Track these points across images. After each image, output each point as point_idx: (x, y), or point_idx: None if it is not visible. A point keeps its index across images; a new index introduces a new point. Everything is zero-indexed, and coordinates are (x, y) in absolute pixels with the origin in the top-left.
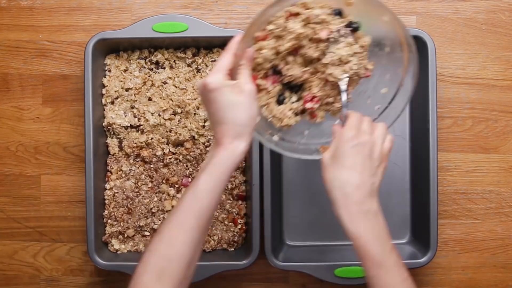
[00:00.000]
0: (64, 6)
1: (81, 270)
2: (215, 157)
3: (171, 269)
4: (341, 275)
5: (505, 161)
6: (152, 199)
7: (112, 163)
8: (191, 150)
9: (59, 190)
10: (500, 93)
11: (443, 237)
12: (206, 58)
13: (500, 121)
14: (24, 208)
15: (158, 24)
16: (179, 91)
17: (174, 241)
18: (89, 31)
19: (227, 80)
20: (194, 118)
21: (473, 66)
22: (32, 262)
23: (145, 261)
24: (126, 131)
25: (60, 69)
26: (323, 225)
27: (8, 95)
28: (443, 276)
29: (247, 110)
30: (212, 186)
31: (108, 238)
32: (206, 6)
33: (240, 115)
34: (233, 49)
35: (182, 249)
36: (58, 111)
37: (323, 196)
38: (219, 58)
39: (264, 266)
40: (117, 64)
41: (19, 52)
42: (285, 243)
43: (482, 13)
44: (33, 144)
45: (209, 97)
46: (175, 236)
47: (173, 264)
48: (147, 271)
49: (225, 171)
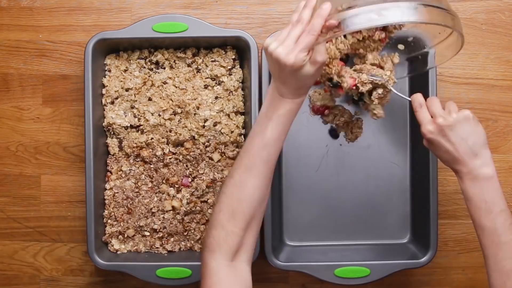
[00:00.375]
0: (64, 6)
1: (81, 270)
2: (280, 108)
3: (242, 208)
4: (341, 275)
5: (505, 161)
6: (152, 199)
7: (112, 163)
8: (191, 150)
9: (59, 190)
10: (500, 93)
11: (443, 237)
12: (206, 58)
13: (500, 121)
14: (24, 208)
15: (158, 24)
16: (179, 91)
17: (244, 184)
18: (89, 31)
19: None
20: (194, 118)
21: (473, 66)
22: (32, 262)
23: (220, 201)
24: (126, 131)
25: (60, 69)
26: (323, 225)
27: (8, 95)
28: (443, 276)
29: (315, 77)
30: (278, 135)
31: (108, 238)
32: (206, 6)
33: (308, 81)
34: (318, 30)
35: (251, 191)
36: (58, 111)
37: (323, 196)
38: (305, 34)
39: (264, 266)
40: (117, 64)
41: (19, 52)
42: (285, 243)
43: (482, 13)
44: (33, 144)
45: (283, 68)
46: (244, 180)
47: (243, 204)
48: (222, 210)
49: (289, 121)
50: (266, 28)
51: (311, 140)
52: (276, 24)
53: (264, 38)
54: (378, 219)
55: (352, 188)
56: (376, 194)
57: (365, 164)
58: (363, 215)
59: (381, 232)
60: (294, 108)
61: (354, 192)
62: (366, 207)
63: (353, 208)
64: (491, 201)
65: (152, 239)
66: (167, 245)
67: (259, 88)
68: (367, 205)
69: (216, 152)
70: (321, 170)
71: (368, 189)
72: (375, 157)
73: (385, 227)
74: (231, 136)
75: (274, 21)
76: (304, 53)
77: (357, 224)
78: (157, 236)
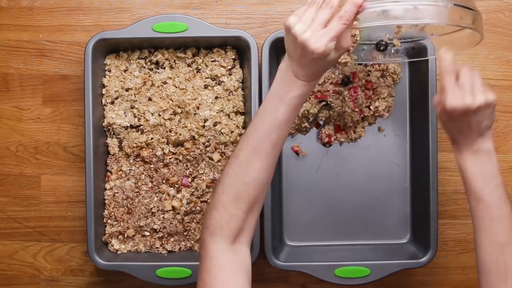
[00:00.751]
0: (64, 6)
1: (81, 270)
2: (294, 90)
3: (247, 191)
4: (341, 275)
5: (505, 161)
6: (152, 199)
7: (112, 163)
8: (191, 150)
9: (59, 190)
10: (500, 93)
11: (443, 237)
12: (206, 58)
13: (500, 121)
14: (24, 208)
15: (158, 24)
16: (179, 91)
17: (250, 167)
18: (89, 31)
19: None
20: (194, 118)
21: (473, 66)
22: (32, 262)
23: (223, 182)
24: (126, 131)
25: (60, 69)
26: (323, 225)
27: (8, 95)
28: (443, 276)
29: (335, 62)
30: (289, 117)
31: (108, 238)
32: (206, 6)
33: (329, 66)
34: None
35: (257, 174)
36: (58, 111)
37: (323, 196)
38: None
39: (264, 266)
40: (117, 64)
41: (19, 52)
42: (285, 243)
43: (482, 13)
44: (33, 144)
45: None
46: (251, 162)
47: (249, 187)
48: (226, 192)
49: (301, 104)
50: (266, 28)
51: (311, 140)
52: (276, 24)
53: (264, 38)
54: (378, 219)
55: (352, 188)
56: (376, 194)
57: (365, 164)
58: (363, 215)
59: (381, 232)
60: (308, 91)
61: (354, 192)
62: (366, 207)
63: (353, 208)
64: (490, 174)
65: (152, 239)
66: (167, 245)
67: (259, 88)
68: (367, 205)
69: (216, 152)
70: (321, 170)
71: (368, 189)
72: (375, 157)
73: (385, 227)
74: (231, 136)
75: (274, 21)
76: (334, 42)
77: (357, 224)
78: (157, 236)
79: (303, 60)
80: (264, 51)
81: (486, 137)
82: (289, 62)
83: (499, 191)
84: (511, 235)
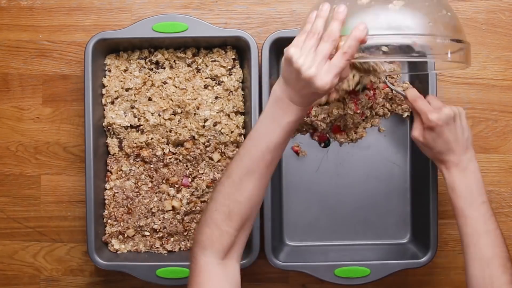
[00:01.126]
0: (64, 6)
1: (81, 270)
2: (290, 115)
3: (239, 209)
4: (341, 275)
5: (505, 161)
6: (152, 199)
7: (112, 163)
8: (191, 150)
9: (59, 190)
10: (500, 93)
11: (443, 237)
12: (206, 58)
13: (500, 121)
14: (24, 208)
15: (158, 24)
16: (179, 91)
17: (244, 187)
18: (89, 31)
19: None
20: (194, 118)
21: (473, 66)
22: (32, 262)
23: (216, 200)
24: (126, 131)
25: (60, 69)
26: (323, 225)
27: (8, 95)
28: (443, 276)
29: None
30: (284, 140)
31: (108, 238)
32: (206, 6)
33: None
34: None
35: (250, 194)
36: (58, 111)
37: (323, 196)
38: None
39: (264, 266)
40: (117, 64)
41: (19, 52)
42: (285, 243)
43: (482, 13)
44: (33, 144)
45: (309, 87)
46: (245, 182)
47: (241, 206)
48: (218, 210)
49: (296, 126)
50: (266, 28)
51: (311, 140)
52: (276, 24)
53: (264, 38)
54: (378, 219)
55: (352, 188)
56: (376, 194)
57: (365, 164)
58: (363, 215)
59: (381, 232)
60: (303, 115)
61: (354, 192)
62: (366, 207)
63: (353, 208)
64: (476, 192)
65: (152, 239)
66: (167, 245)
67: (259, 88)
68: (367, 205)
69: (216, 152)
70: (321, 170)
71: (368, 189)
72: (375, 157)
73: (385, 227)
74: (231, 136)
75: (274, 21)
76: (338, 77)
77: (357, 224)
78: (157, 236)
79: (304, 91)
80: (264, 51)
81: (470, 152)
82: (286, 88)
83: (485, 207)
84: (497, 249)
